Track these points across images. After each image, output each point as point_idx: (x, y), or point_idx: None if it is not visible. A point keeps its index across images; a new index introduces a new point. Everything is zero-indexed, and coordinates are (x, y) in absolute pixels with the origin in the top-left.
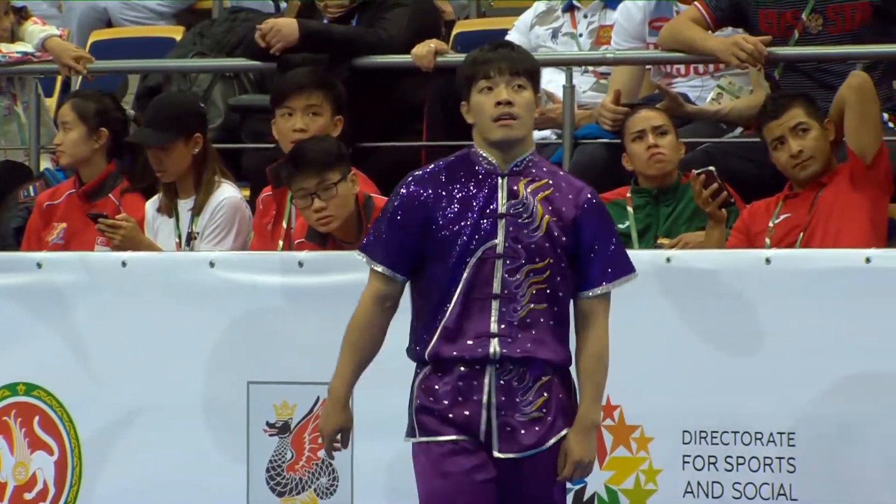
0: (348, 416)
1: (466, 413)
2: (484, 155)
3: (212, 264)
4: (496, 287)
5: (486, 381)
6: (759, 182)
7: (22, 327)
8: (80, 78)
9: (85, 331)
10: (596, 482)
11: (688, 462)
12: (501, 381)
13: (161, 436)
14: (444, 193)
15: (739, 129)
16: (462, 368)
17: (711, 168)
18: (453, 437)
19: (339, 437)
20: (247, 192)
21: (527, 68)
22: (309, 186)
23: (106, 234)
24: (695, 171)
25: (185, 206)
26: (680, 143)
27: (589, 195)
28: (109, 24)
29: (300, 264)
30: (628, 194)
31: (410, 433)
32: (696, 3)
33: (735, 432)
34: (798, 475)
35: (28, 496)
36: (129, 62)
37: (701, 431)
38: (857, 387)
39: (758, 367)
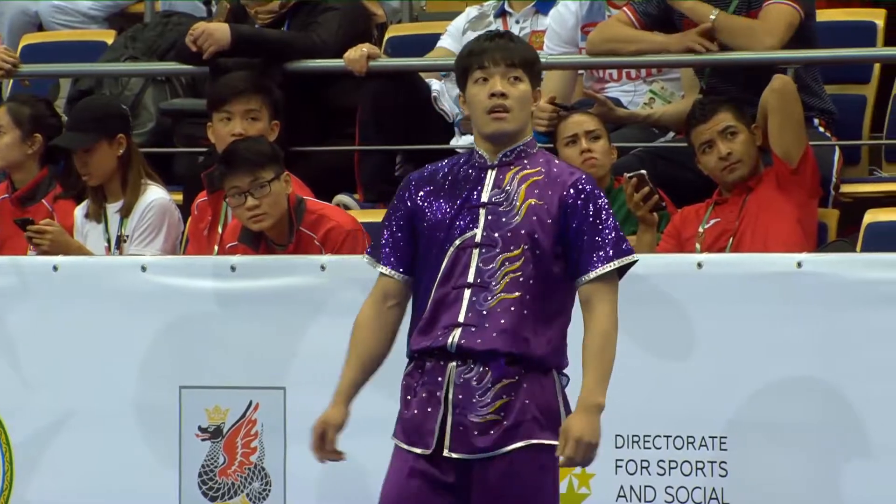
0: (339, 413)
1: (429, 410)
2: (478, 149)
3: (143, 268)
4: (470, 276)
5: (446, 378)
6: (690, 187)
7: None
8: (12, 83)
9: (16, 335)
10: None
11: (620, 466)
12: (461, 379)
13: (93, 440)
14: (438, 191)
15: (671, 134)
16: (430, 362)
17: (643, 171)
18: (418, 451)
19: (328, 435)
20: (179, 197)
21: (524, 59)
22: (242, 185)
23: (33, 241)
24: (627, 175)
25: (112, 209)
26: (612, 148)
27: (580, 179)
28: (41, 27)
29: (233, 268)
30: None
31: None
32: (624, 7)
33: (667, 436)
34: (730, 479)
35: None
36: (61, 66)
37: (633, 435)
38: (789, 391)
39: (690, 372)
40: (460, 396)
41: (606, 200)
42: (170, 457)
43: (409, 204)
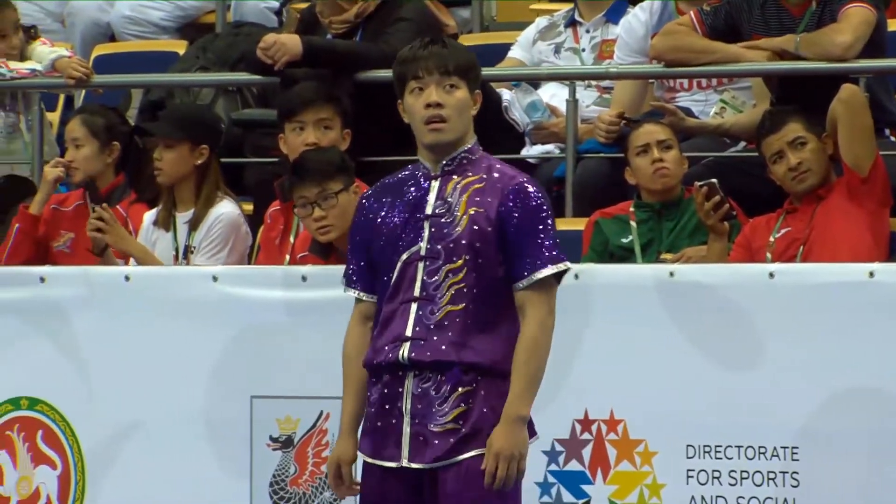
0: (349, 447)
1: (393, 422)
2: (421, 159)
3: (215, 279)
4: (416, 290)
5: (405, 388)
6: (761, 197)
7: (25, 341)
8: (84, 93)
9: (88, 345)
10: (600, 497)
11: (692, 476)
12: (419, 389)
13: (164, 450)
14: (386, 204)
15: (742, 144)
16: (387, 376)
17: (714, 181)
18: (386, 464)
19: (343, 470)
20: (249, 207)
21: (459, 65)
22: (309, 195)
23: (93, 222)
24: (697, 184)
25: (182, 219)
26: (683, 158)
27: (517, 184)
28: (113, 38)
29: (303, 278)
30: (631, 209)
31: None
32: (691, 13)
33: (739, 446)
34: (801, 490)
35: None
36: (133, 76)
37: (705, 446)
38: (860, 401)
39: (761, 382)
40: (419, 406)
41: (546, 205)
42: (241, 467)
43: (363, 225)
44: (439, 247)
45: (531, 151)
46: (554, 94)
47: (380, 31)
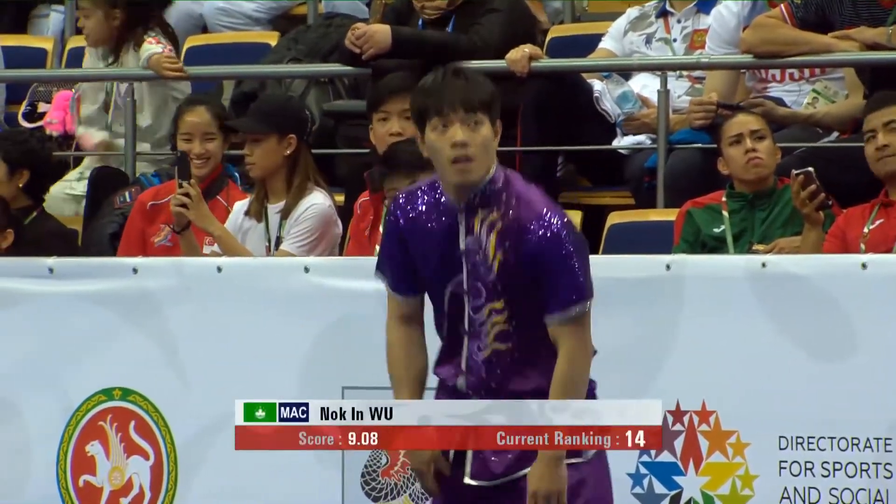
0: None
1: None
2: (444, 189)
3: (307, 269)
4: (466, 324)
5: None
6: (854, 188)
7: (118, 332)
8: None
9: (180, 336)
10: (692, 488)
11: (784, 468)
12: None
13: None
14: (420, 224)
15: (835, 134)
16: (452, 388)
17: (810, 169)
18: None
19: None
20: (341, 198)
21: (483, 100)
22: (400, 187)
23: (177, 197)
24: (794, 171)
25: (273, 209)
26: (777, 148)
27: (539, 221)
28: (205, 29)
29: None
30: (723, 199)
31: None
32: (782, 6)
33: (832, 438)
34: (895, 481)
35: (124, 501)
36: (225, 68)
37: (797, 437)
38: None
39: (854, 373)
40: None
41: (570, 237)
42: (333, 458)
43: (399, 229)
44: (479, 284)
45: (623, 142)
46: (645, 85)
47: (472, 20)
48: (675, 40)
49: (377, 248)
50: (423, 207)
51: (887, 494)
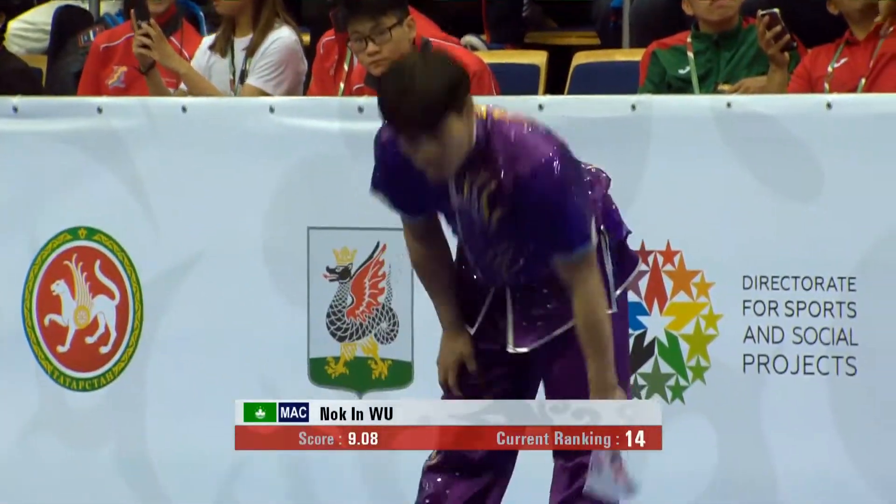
0: (462, 342)
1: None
2: None
3: (272, 109)
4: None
5: (506, 295)
6: (820, 27)
7: (82, 172)
8: None
9: (145, 176)
10: (656, 327)
11: (748, 307)
12: (518, 294)
13: (221, 281)
14: (404, 175)
15: None
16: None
17: (776, 10)
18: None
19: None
20: (307, 38)
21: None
22: (363, 30)
23: (138, 39)
24: (760, 12)
25: (240, 45)
26: None
27: (534, 178)
28: None
29: (360, 109)
30: (688, 39)
31: None
32: None
33: (795, 277)
34: (858, 320)
35: (89, 340)
36: None
37: (761, 276)
38: None
39: (818, 213)
40: (520, 302)
41: (568, 182)
42: (298, 297)
43: (389, 165)
44: (478, 234)
45: None
46: None
47: None
48: None
49: (341, 86)
50: (401, 157)
51: (850, 333)
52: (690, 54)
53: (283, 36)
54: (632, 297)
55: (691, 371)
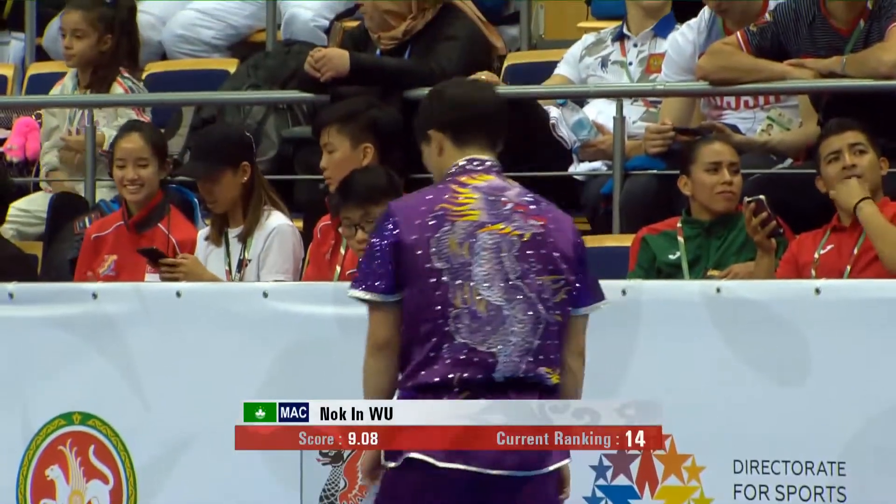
0: None
1: None
2: None
3: (265, 294)
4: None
5: None
6: (808, 214)
7: (77, 357)
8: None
9: (139, 360)
10: None
11: (739, 491)
12: None
13: (215, 464)
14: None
15: (789, 161)
16: None
17: (761, 197)
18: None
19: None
20: (300, 224)
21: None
22: (353, 217)
23: (165, 274)
24: (746, 199)
25: (233, 233)
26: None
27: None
28: (164, 56)
29: None
30: (679, 225)
31: None
32: (738, 33)
33: (786, 461)
34: None
35: None
36: (184, 94)
37: (752, 460)
38: None
39: (808, 397)
40: None
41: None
42: (292, 481)
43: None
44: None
45: (579, 168)
46: (600, 111)
47: (429, 48)
48: (630, 63)
49: (338, 268)
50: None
51: None
52: (681, 240)
53: (280, 223)
54: (623, 480)
55: None
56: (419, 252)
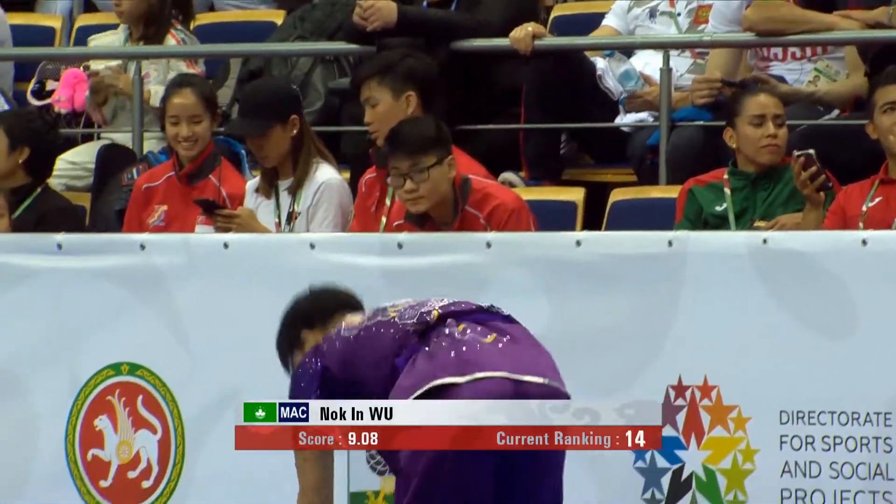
0: None
1: None
2: None
3: (312, 246)
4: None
5: None
6: (854, 166)
7: (125, 308)
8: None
9: (188, 312)
10: (693, 462)
11: (785, 442)
12: None
13: None
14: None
15: (836, 112)
16: None
17: (811, 151)
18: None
19: None
20: (346, 175)
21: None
22: (401, 168)
23: (220, 225)
24: (795, 153)
25: (283, 185)
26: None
27: None
28: (212, 8)
29: (399, 245)
30: (725, 176)
31: None
32: None
33: (832, 412)
34: (894, 455)
35: (132, 474)
36: (231, 46)
37: (798, 412)
38: None
39: (854, 348)
40: None
41: None
42: None
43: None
44: None
45: (625, 120)
46: (647, 63)
47: (474, 0)
48: (679, 14)
49: (383, 220)
50: None
51: (887, 468)
52: (727, 191)
53: (329, 177)
54: (669, 431)
55: None
56: None
